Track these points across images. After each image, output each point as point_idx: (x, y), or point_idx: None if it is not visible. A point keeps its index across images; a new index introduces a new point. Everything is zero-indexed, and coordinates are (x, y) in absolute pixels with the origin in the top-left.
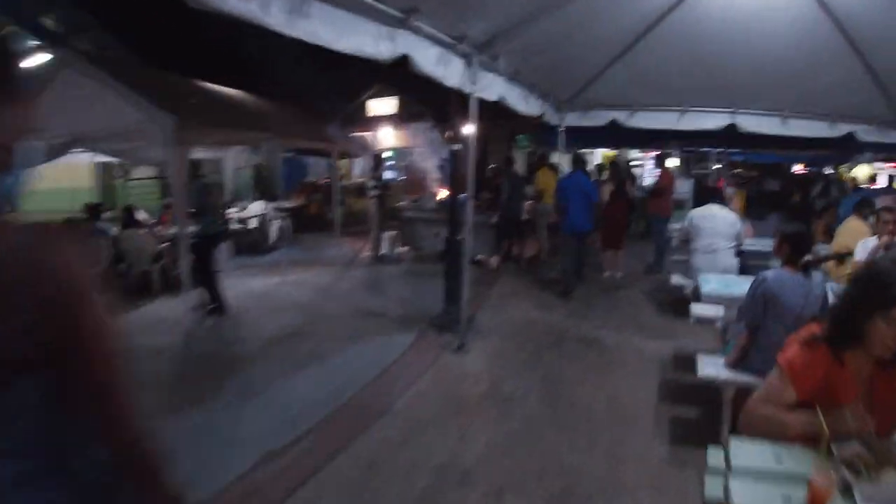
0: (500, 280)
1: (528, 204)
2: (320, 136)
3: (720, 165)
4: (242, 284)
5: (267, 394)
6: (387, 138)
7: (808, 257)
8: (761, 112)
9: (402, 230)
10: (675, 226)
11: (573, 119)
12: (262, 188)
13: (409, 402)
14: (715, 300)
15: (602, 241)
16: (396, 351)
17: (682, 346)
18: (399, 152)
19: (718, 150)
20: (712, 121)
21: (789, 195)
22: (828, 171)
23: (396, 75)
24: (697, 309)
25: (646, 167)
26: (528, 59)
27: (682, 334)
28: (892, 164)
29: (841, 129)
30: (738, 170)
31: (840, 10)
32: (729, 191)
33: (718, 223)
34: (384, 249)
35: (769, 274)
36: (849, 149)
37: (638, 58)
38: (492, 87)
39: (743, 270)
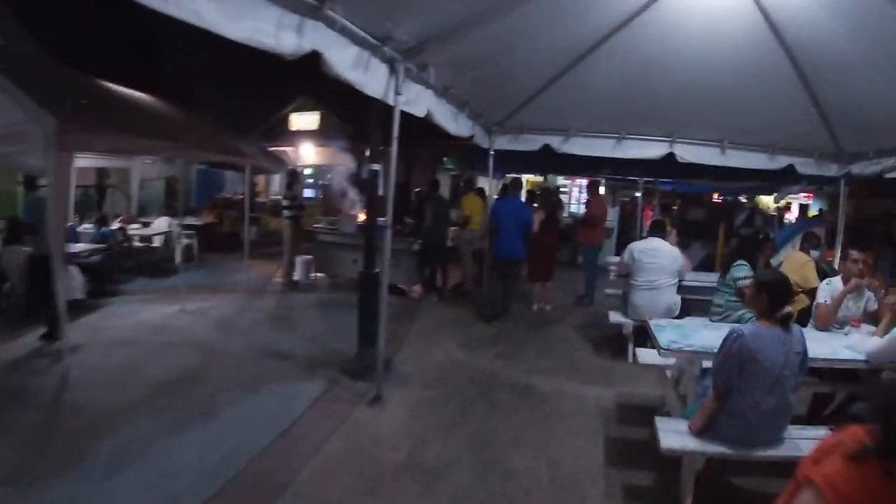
0: (421, 312)
1: (452, 230)
2: (234, 149)
3: (639, 194)
4: (136, 314)
5: (143, 461)
6: (307, 155)
7: (787, 309)
8: (700, 142)
9: (317, 255)
10: (611, 258)
11: (504, 142)
12: (171, 203)
13: (315, 474)
14: (675, 354)
15: (531, 272)
16: (303, 403)
17: (626, 393)
18: (319, 170)
19: (646, 179)
20: (650, 149)
21: (714, 224)
22: (743, 199)
23: (321, 89)
24: (645, 355)
25: (572, 195)
26: (460, 74)
27: (621, 378)
28: (806, 194)
29: (780, 161)
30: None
31: (793, 40)
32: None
33: (661, 258)
34: (298, 275)
35: (746, 329)
36: (784, 180)
37: (576, 81)
38: (419, 100)
39: (683, 309)
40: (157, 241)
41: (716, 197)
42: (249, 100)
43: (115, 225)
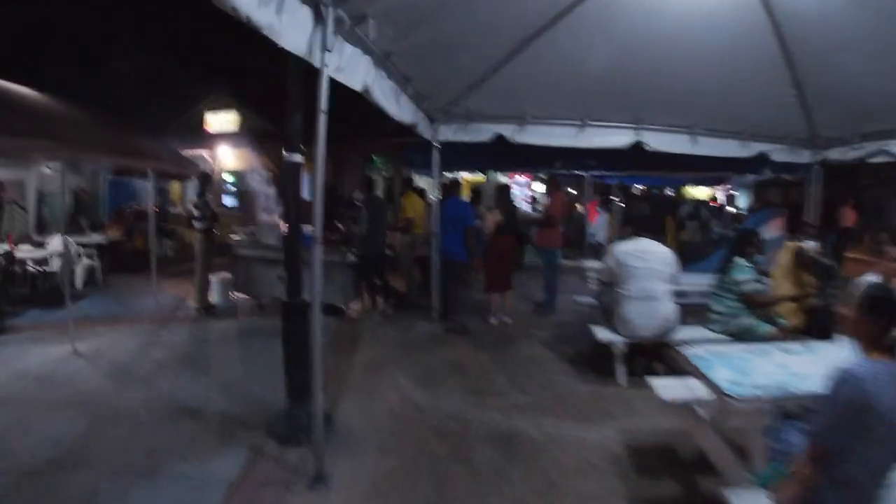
0: (364, 335)
1: (392, 235)
2: (140, 151)
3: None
4: (19, 358)
5: None
6: (226, 158)
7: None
8: (670, 128)
9: (236, 273)
10: (591, 264)
11: (449, 133)
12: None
13: None
14: (750, 403)
15: (489, 283)
16: (217, 492)
17: (633, 431)
18: (240, 176)
19: (593, 173)
20: (615, 138)
21: (659, 218)
22: (669, 191)
23: (239, 82)
24: (668, 388)
25: (519, 193)
26: (402, 37)
27: (620, 409)
28: (723, 185)
29: (752, 149)
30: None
31: (784, 13)
32: (600, 217)
33: (653, 261)
34: (214, 298)
35: (857, 368)
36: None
37: (532, 60)
38: (355, 68)
39: None
40: (55, 265)
41: (641, 188)
42: (154, 94)
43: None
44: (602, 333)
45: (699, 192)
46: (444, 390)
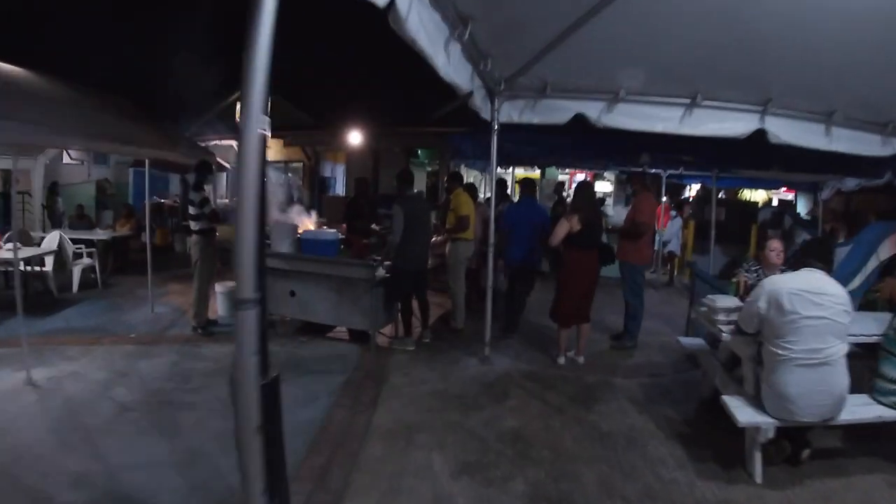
0: (392, 379)
1: (438, 241)
2: (158, 141)
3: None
4: None
5: None
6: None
7: None
8: (803, 115)
9: None
10: (723, 301)
11: (513, 112)
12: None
13: None
14: None
15: (562, 312)
16: None
17: None
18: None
19: (671, 171)
20: (732, 124)
21: (734, 224)
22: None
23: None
24: None
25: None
26: None
27: None
28: (787, 189)
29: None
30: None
31: None
32: (673, 223)
33: (830, 309)
34: (220, 312)
35: None
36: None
37: (631, 16)
38: None
39: None
40: (48, 265)
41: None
42: (185, 80)
43: None
44: (744, 415)
45: (756, 196)
46: (502, 489)
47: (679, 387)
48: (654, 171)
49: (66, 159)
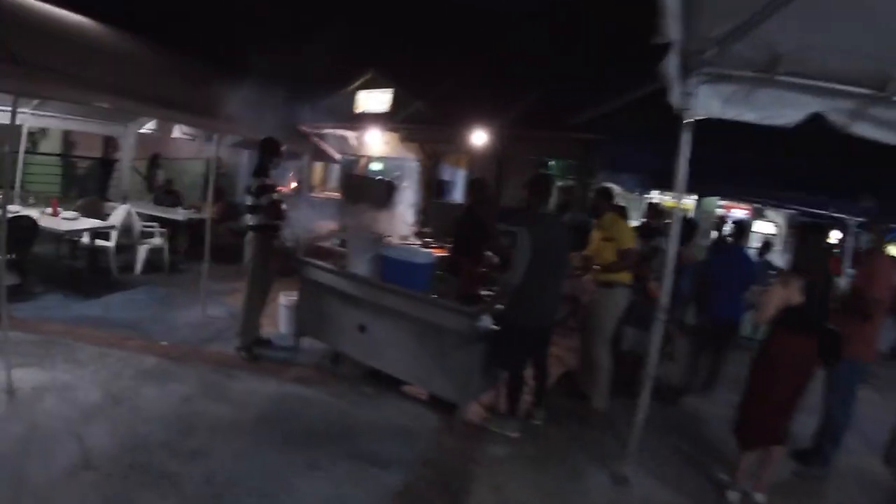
0: (473, 487)
1: (581, 284)
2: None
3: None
4: None
5: None
6: (374, 142)
7: None
8: None
9: (302, 303)
10: None
11: (716, 100)
12: (167, 187)
13: None
14: None
15: (754, 423)
16: None
17: None
18: (386, 164)
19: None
20: None
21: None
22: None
23: (396, 62)
24: None
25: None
26: None
27: None
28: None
29: None
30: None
31: None
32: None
33: None
34: (281, 329)
35: None
36: None
37: None
38: None
39: None
40: (111, 240)
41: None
42: (306, 67)
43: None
44: None
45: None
46: None
47: None
48: (838, 214)
49: (176, 132)
